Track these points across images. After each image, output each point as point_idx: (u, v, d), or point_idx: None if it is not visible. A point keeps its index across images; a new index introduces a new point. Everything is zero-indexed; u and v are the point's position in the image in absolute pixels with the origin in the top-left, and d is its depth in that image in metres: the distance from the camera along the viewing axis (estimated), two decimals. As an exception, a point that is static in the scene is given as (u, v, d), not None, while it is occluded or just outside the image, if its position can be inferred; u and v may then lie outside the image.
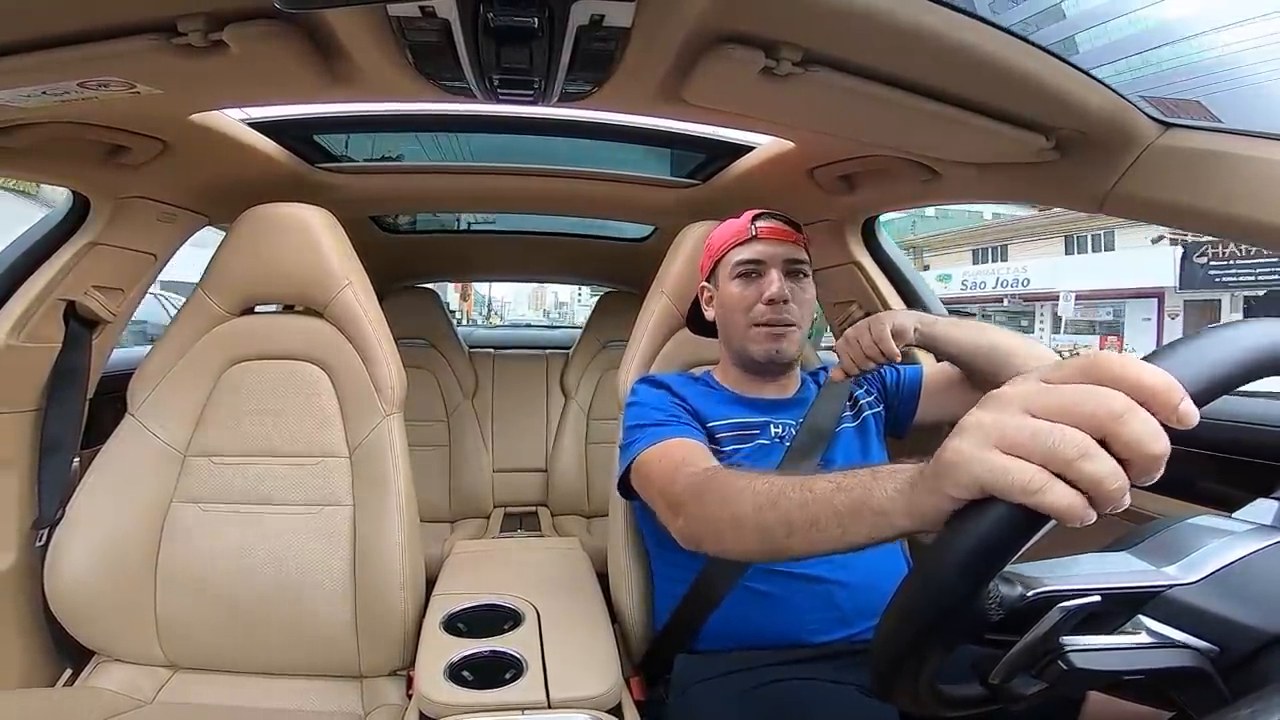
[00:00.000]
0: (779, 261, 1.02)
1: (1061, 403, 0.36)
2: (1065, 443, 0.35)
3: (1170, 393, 0.35)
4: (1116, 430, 0.34)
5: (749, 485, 0.64)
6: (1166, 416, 0.35)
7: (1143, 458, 0.34)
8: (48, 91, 0.78)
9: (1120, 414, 0.34)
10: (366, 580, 1.07)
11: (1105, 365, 0.36)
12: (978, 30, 0.70)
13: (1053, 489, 0.35)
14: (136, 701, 1.03)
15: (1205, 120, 0.84)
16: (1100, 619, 0.45)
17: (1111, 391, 0.35)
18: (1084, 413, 0.35)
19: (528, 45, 0.70)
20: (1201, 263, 13.09)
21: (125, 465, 1.10)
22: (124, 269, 1.26)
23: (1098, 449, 0.35)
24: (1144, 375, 0.35)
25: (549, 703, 0.82)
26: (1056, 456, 0.35)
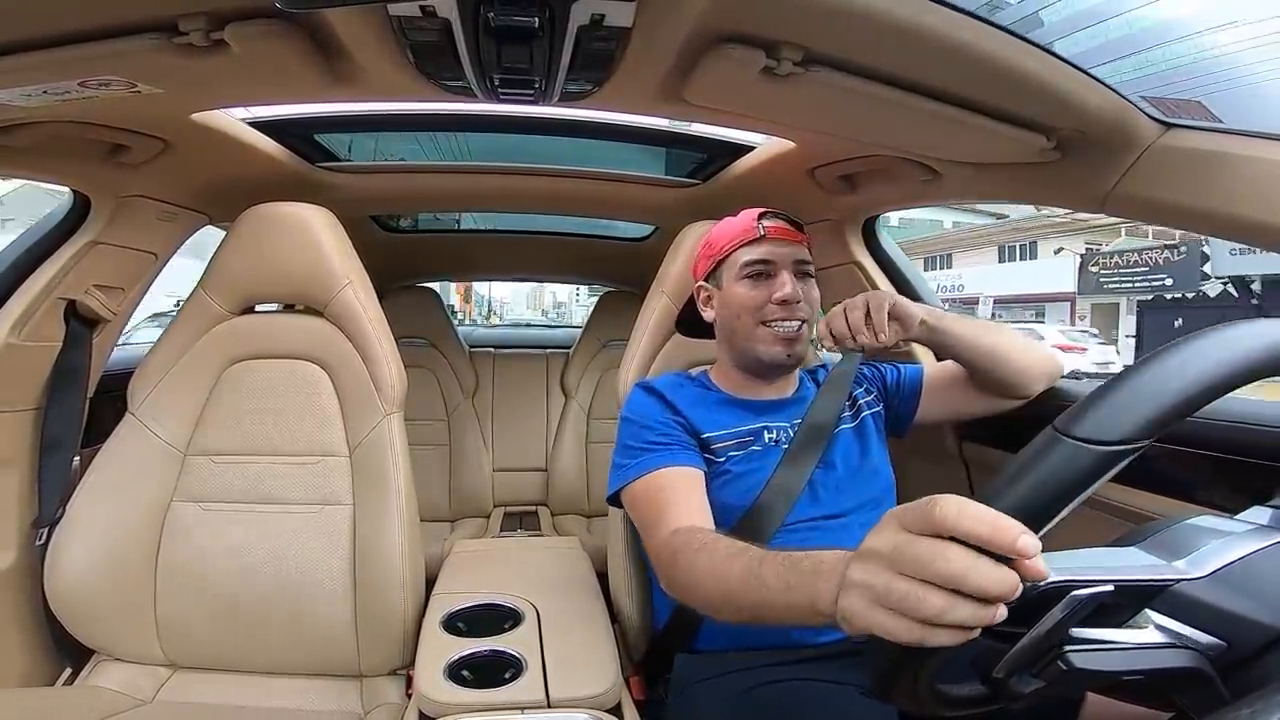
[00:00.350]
0: (789, 262, 1.01)
1: (915, 562, 0.42)
2: (925, 605, 0.41)
3: (1004, 538, 0.39)
4: (962, 584, 0.40)
5: (710, 572, 0.71)
6: (1009, 554, 0.39)
7: (991, 599, 0.40)
8: (49, 91, 0.78)
9: (960, 574, 0.40)
10: (366, 579, 1.07)
11: (941, 519, 0.41)
12: (978, 30, 0.70)
13: (930, 636, 0.42)
14: (136, 701, 1.03)
15: (1206, 120, 0.84)
16: (1109, 612, 0.45)
17: (952, 553, 0.41)
18: (932, 572, 0.41)
19: (528, 45, 0.70)
20: (1094, 271, 14.96)
21: (125, 464, 1.10)
22: (125, 268, 1.26)
23: (954, 602, 0.41)
24: (975, 526, 0.40)
25: (549, 702, 0.82)
26: (921, 614, 0.42)
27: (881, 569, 0.45)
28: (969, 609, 0.40)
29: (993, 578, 0.40)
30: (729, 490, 0.96)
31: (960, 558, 0.40)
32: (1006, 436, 1.21)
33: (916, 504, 0.44)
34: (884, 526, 0.47)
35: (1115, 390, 0.45)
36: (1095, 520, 0.97)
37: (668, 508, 0.87)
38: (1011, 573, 0.40)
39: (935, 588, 0.41)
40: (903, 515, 0.45)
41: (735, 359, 1.06)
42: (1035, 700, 0.47)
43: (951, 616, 0.40)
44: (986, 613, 0.40)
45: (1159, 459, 0.88)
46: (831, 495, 0.97)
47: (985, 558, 0.40)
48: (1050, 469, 0.43)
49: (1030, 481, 0.43)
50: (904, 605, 0.42)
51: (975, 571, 0.40)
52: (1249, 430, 0.86)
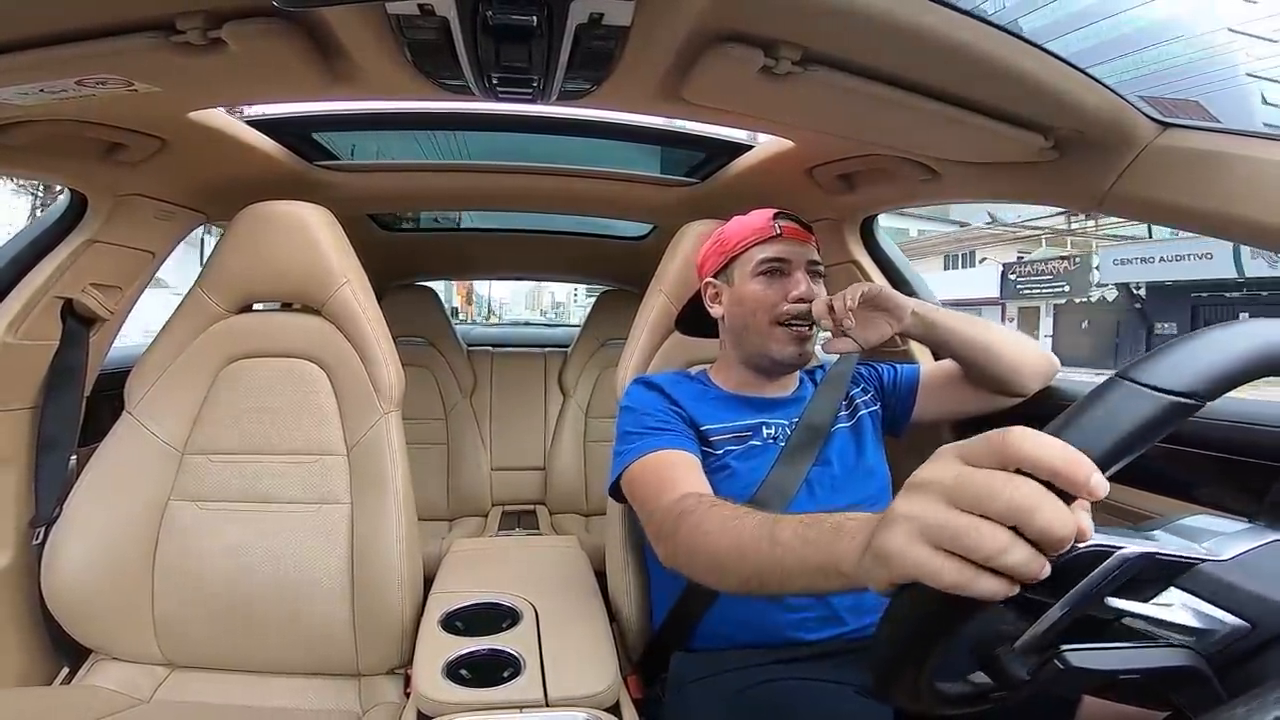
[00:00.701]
0: (803, 262, 1.02)
1: (977, 494, 0.39)
2: (984, 542, 0.38)
3: (1077, 471, 0.37)
4: (1028, 521, 0.37)
5: (721, 529, 0.67)
6: (1078, 493, 0.37)
7: (1051, 542, 0.37)
8: (46, 89, 0.78)
9: (1030, 507, 0.37)
10: (364, 578, 1.07)
11: (1015, 448, 0.38)
12: (976, 29, 0.70)
13: (977, 582, 0.38)
14: (134, 700, 1.03)
15: (1203, 120, 0.85)
16: (1139, 586, 0.45)
17: (1022, 483, 0.37)
18: (998, 506, 0.38)
19: (527, 43, 0.70)
20: (1013, 279, 16.38)
21: (122, 463, 1.10)
22: (122, 267, 1.26)
23: (1013, 542, 0.37)
24: (1052, 457, 0.37)
25: (547, 701, 0.82)
26: (978, 553, 0.38)
27: (938, 500, 0.40)
28: (1026, 551, 0.37)
29: (1061, 515, 0.37)
30: (726, 486, 0.96)
31: (1033, 490, 0.37)
32: None
33: (981, 435, 0.41)
34: (941, 457, 0.43)
35: (1186, 343, 0.44)
36: (1095, 519, 0.98)
37: (671, 481, 0.86)
38: (1076, 517, 0.37)
39: (996, 524, 0.38)
40: (965, 448, 0.42)
41: (742, 356, 1.07)
42: (1031, 696, 0.47)
43: (1009, 558, 0.37)
44: (1039, 560, 0.38)
45: (1160, 459, 0.88)
46: (827, 493, 0.98)
47: (1053, 494, 0.37)
48: (1116, 413, 0.41)
49: (1097, 423, 0.41)
50: (960, 541, 0.38)
51: (1046, 506, 0.37)
52: (1250, 430, 0.87)
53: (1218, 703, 0.40)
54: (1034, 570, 0.37)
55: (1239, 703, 0.35)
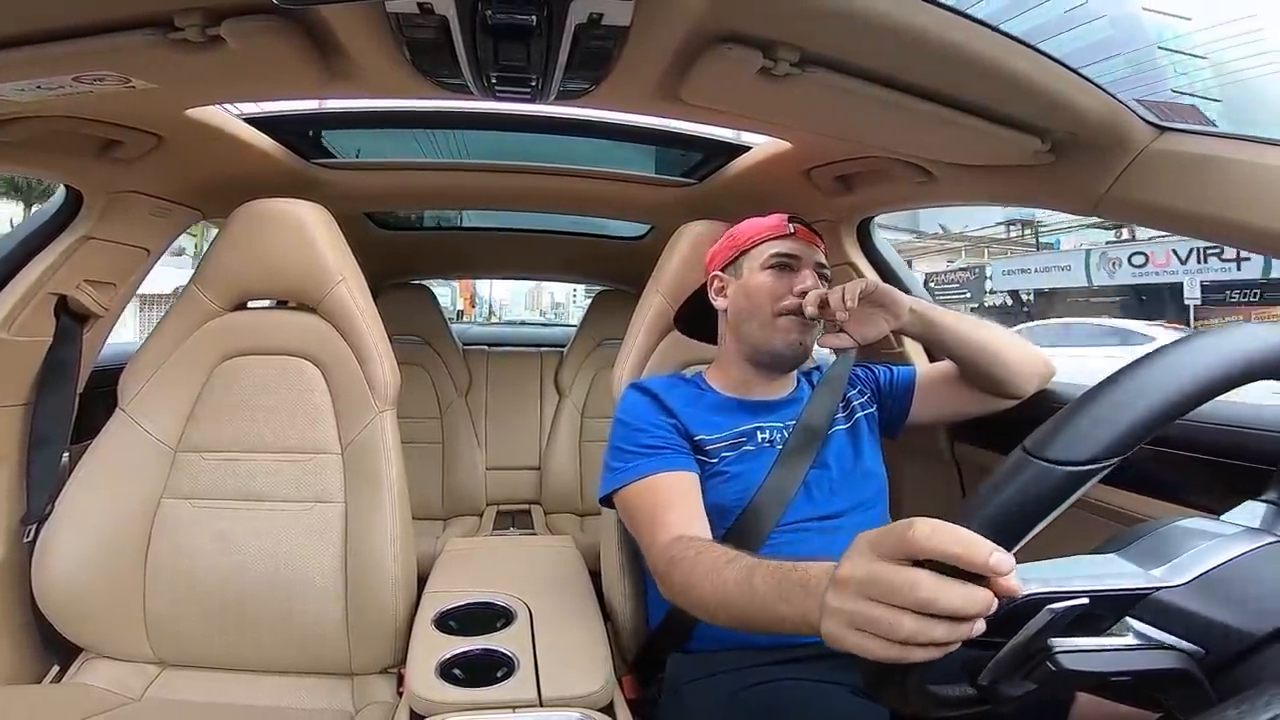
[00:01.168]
0: (811, 262, 1.04)
1: (887, 590, 0.44)
2: (900, 629, 0.43)
3: (975, 556, 0.41)
4: (934, 609, 0.42)
5: (706, 578, 0.72)
6: (982, 572, 0.41)
7: (966, 617, 0.42)
8: (43, 86, 0.78)
9: (930, 599, 0.42)
10: (358, 577, 1.07)
11: (913, 542, 0.43)
12: (974, 32, 0.70)
13: (908, 654, 0.44)
14: (124, 698, 1.02)
15: (1200, 124, 0.85)
16: (1089, 621, 0.45)
17: (922, 579, 0.42)
18: (902, 599, 0.43)
19: (525, 43, 0.70)
20: (931, 286, 17.88)
21: (115, 460, 1.10)
22: (116, 264, 1.25)
23: (925, 623, 0.42)
24: (948, 546, 0.42)
25: (540, 701, 0.82)
26: (897, 637, 0.43)
27: (854, 596, 0.46)
28: (943, 628, 0.42)
29: (965, 598, 0.41)
30: (724, 490, 0.96)
31: (930, 584, 0.42)
32: (998, 437, 1.22)
33: (889, 529, 0.46)
34: (856, 553, 0.48)
35: (1081, 412, 0.46)
36: (1082, 521, 0.98)
37: (663, 515, 0.88)
38: (984, 591, 0.41)
39: (909, 611, 0.43)
40: (876, 541, 0.47)
41: (743, 350, 1.07)
42: (1025, 701, 0.48)
43: (925, 636, 0.42)
44: (962, 629, 0.42)
45: (1146, 461, 0.88)
46: (825, 496, 0.98)
47: (957, 580, 0.41)
48: (1021, 489, 0.45)
49: (1002, 501, 0.45)
50: (878, 630, 0.44)
51: (946, 595, 0.41)
52: (1236, 433, 0.87)
53: (1208, 705, 0.40)
54: (959, 636, 0.42)
55: (1229, 705, 0.36)
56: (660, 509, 0.89)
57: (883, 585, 0.44)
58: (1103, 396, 0.46)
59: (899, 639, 0.43)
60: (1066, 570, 0.47)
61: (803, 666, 0.89)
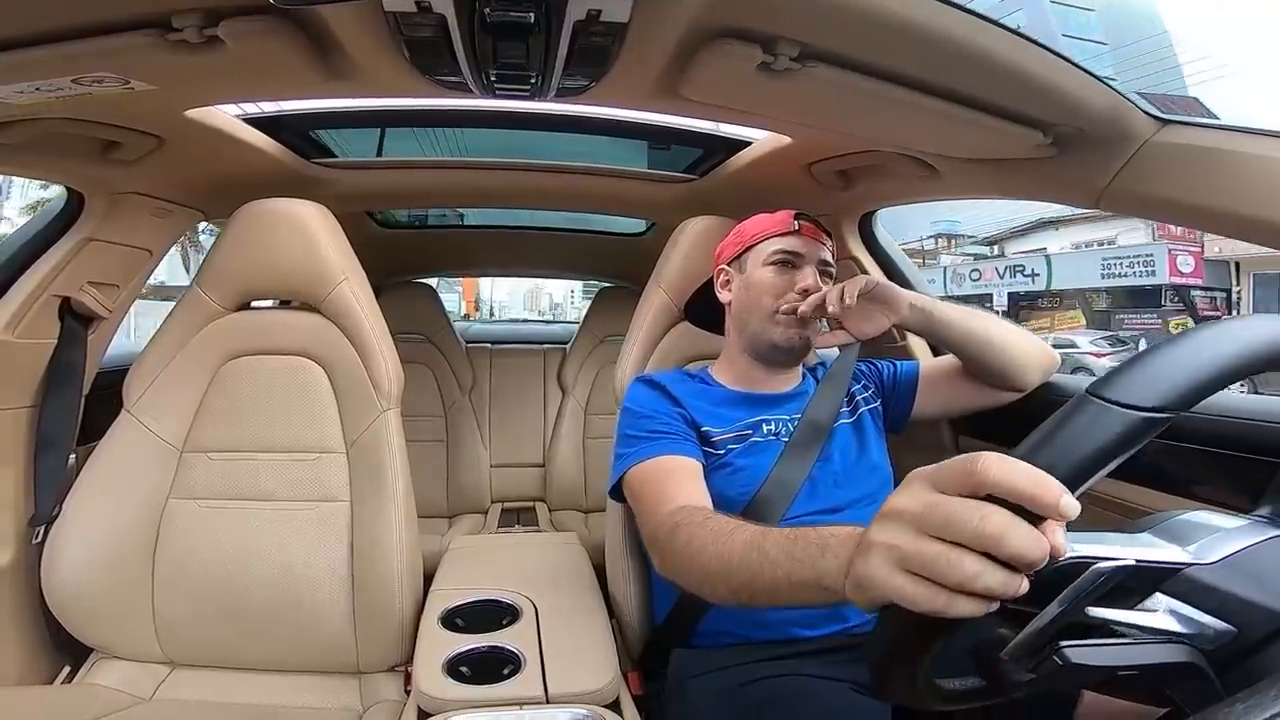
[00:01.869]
0: (815, 260, 1.04)
1: (946, 523, 0.40)
2: (955, 569, 0.39)
3: (1045, 495, 0.37)
4: (997, 547, 0.38)
5: (712, 543, 0.69)
6: (1048, 514, 0.38)
7: (1023, 565, 0.38)
8: (42, 88, 0.78)
9: (998, 535, 0.38)
10: (364, 576, 1.07)
11: (982, 474, 0.39)
12: (975, 26, 0.69)
13: (954, 605, 0.39)
14: (135, 698, 1.03)
15: (1202, 116, 0.84)
16: (1123, 593, 0.45)
17: (989, 511, 0.38)
18: (967, 533, 0.39)
19: (524, 40, 0.70)
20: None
21: (121, 461, 1.10)
22: (119, 265, 1.26)
23: (986, 566, 0.38)
24: (1019, 482, 0.38)
25: (547, 698, 0.82)
26: (950, 579, 0.39)
27: (909, 529, 0.42)
28: (1000, 575, 0.38)
29: (1030, 540, 0.38)
30: (729, 483, 0.96)
31: (1000, 518, 0.38)
32: (1002, 431, 1.21)
33: (950, 461, 0.42)
34: (911, 484, 0.44)
35: (1152, 357, 0.44)
36: (1091, 514, 0.98)
37: (670, 489, 0.88)
38: (1045, 538, 0.38)
39: (967, 550, 0.39)
40: (934, 474, 0.43)
41: (745, 344, 1.07)
42: (1031, 694, 0.48)
43: (982, 582, 0.38)
44: (1014, 581, 0.38)
45: (1156, 454, 0.88)
46: (830, 490, 0.98)
47: (1021, 520, 0.38)
48: (1085, 431, 0.42)
49: (1066, 442, 0.42)
50: (933, 568, 0.40)
51: (1013, 533, 0.38)
52: (1247, 426, 0.87)
53: (1216, 699, 0.40)
54: (1010, 590, 0.39)
55: (1238, 699, 0.36)
56: (666, 484, 0.89)
57: (945, 515, 0.40)
58: (1176, 345, 0.45)
59: (953, 581, 0.39)
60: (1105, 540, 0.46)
61: (806, 662, 0.89)
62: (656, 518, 0.84)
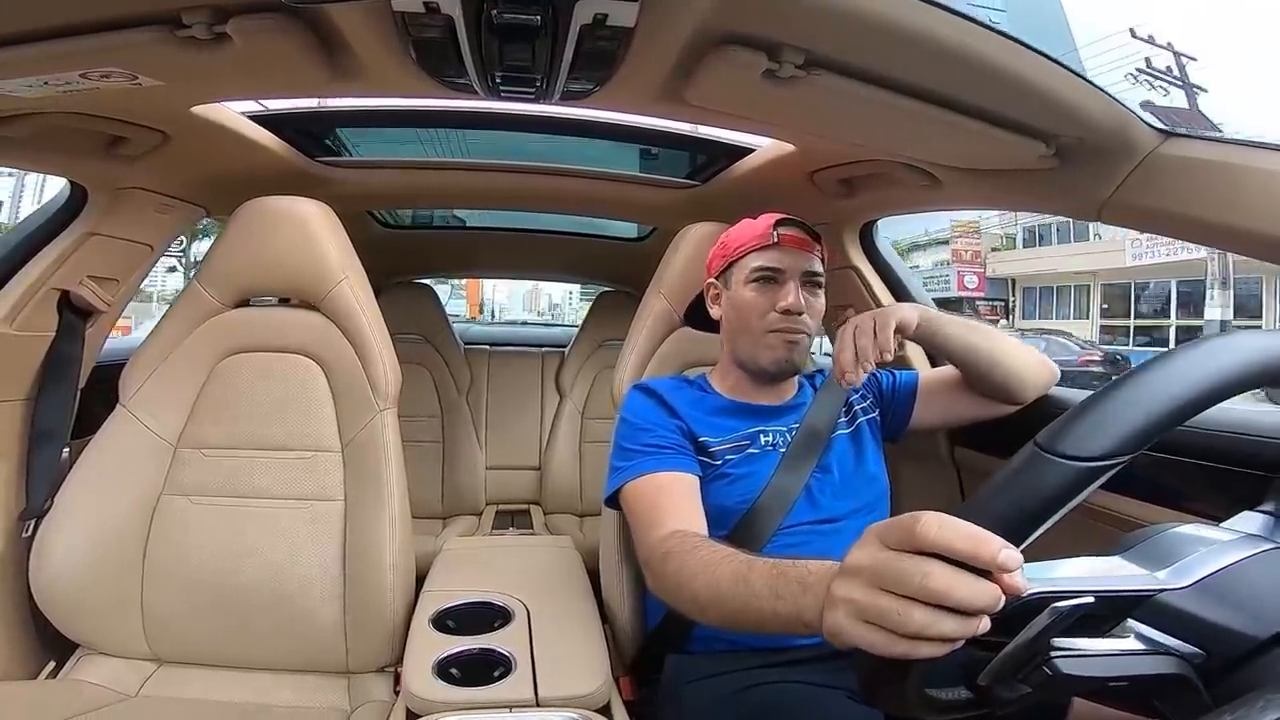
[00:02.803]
0: (797, 272, 1.01)
1: (896, 579, 0.43)
2: (909, 621, 0.42)
3: (982, 552, 0.40)
4: (945, 600, 0.40)
5: (701, 572, 0.71)
6: (990, 569, 0.40)
7: (974, 611, 0.41)
8: (50, 82, 0.78)
9: (943, 590, 0.40)
10: (356, 576, 1.07)
11: (922, 536, 0.42)
12: (980, 35, 0.70)
13: (915, 649, 0.42)
14: (120, 695, 1.02)
15: (1206, 130, 0.85)
16: (1091, 621, 0.45)
17: (934, 569, 0.41)
18: (914, 588, 0.41)
19: (530, 43, 0.70)
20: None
21: (115, 456, 1.10)
22: (120, 260, 1.25)
23: (937, 616, 0.41)
24: (956, 542, 0.40)
25: (537, 701, 0.82)
26: (906, 630, 0.42)
27: (864, 585, 0.45)
28: (952, 623, 0.41)
29: (975, 592, 0.40)
30: (727, 493, 0.96)
31: (942, 574, 0.41)
32: (998, 442, 1.21)
33: (897, 520, 0.45)
34: (865, 543, 0.47)
35: (1096, 406, 0.46)
36: (1083, 526, 0.98)
37: (663, 511, 0.88)
38: (993, 586, 0.40)
39: (918, 603, 0.41)
40: (884, 532, 0.45)
41: (736, 360, 1.07)
42: (1022, 705, 0.47)
43: (935, 630, 0.41)
44: (970, 625, 0.41)
45: (1148, 467, 0.88)
46: (828, 500, 0.98)
47: (967, 573, 0.40)
48: (1031, 484, 0.44)
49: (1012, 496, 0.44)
50: (887, 621, 0.43)
51: (957, 587, 0.40)
52: (1238, 439, 0.87)
53: (1205, 711, 0.40)
54: (967, 633, 0.41)
55: (1225, 710, 0.36)
56: (660, 505, 0.89)
57: (894, 573, 0.43)
58: (1119, 392, 0.46)
59: (908, 632, 0.42)
60: (1070, 570, 0.47)
61: (800, 669, 0.88)
62: (650, 541, 0.85)
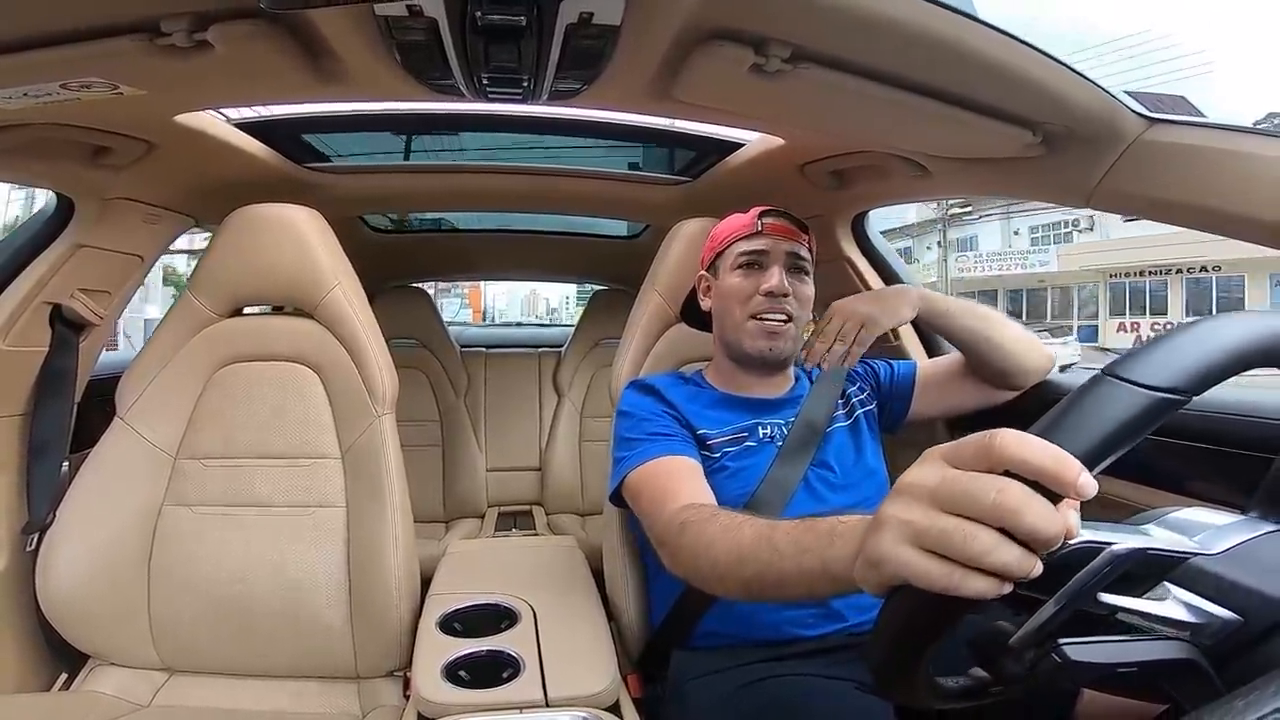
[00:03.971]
0: (781, 256, 1.02)
1: (962, 497, 0.38)
2: (971, 543, 0.38)
3: (1064, 472, 0.36)
4: (1015, 522, 0.37)
5: (722, 537, 0.68)
6: (1065, 493, 0.37)
7: (1040, 542, 0.37)
8: (30, 93, 0.77)
9: (1015, 509, 0.36)
10: (361, 581, 1.07)
11: (1000, 450, 0.38)
12: (965, 26, 0.70)
13: (967, 582, 0.38)
14: (133, 705, 1.03)
15: (1190, 115, 0.85)
16: (1132, 581, 0.45)
17: (1007, 485, 0.37)
18: (984, 506, 0.37)
19: (516, 43, 0.70)
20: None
21: (115, 469, 1.09)
22: (110, 271, 1.25)
23: (1001, 542, 0.37)
24: (1038, 458, 0.37)
25: (546, 701, 0.82)
26: (965, 554, 0.38)
27: (924, 504, 0.41)
28: (1016, 551, 0.37)
29: (1048, 516, 0.37)
30: (725, 486, 0.96)
31: (1018, 491, 0.37)
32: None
33: (968, 438, 0.41)
34: (927, 460, 0.43)
35: (1169, 340, 0.44)
36: (1093, 512, 0.98)
37: (674, 488, 0.87)
38: (1064, 516, 0.37)
39: (983, 525, 0.38)
40: (951, 450, 0.42)
41: (726, 350, 1.07)
42: (1030, 692, 0.48)
43: (998, 557, 0.37)
44: (1029, 561, 0.38)
45: (1153, 452, 0.88)
46: (827, 492, 0.98)
47: (1039, 495, 0.37)
48: (1103, 410, 0.41)
49: (1083, 421, 0.41)
50: (947, 543, 0.38)
51: (1031, 508, 0.36)
52: (1240, 422, 0.87)
53: (1215, 695, 0.40)
54: (1024, 569, 0.38)
55: (1237, 695, 0.36)
56: (670, 484, 0.88)
57: (962, 489, 0.39)
58: (1191, 331, 0.45)
59: (967, 555, 0.38)
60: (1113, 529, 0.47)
61: (806, 662, 0.89)
62: (663, 517, 0.83)
